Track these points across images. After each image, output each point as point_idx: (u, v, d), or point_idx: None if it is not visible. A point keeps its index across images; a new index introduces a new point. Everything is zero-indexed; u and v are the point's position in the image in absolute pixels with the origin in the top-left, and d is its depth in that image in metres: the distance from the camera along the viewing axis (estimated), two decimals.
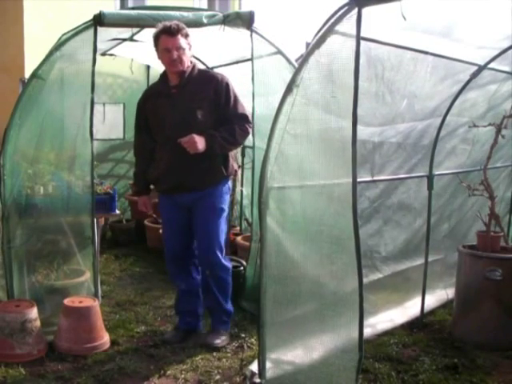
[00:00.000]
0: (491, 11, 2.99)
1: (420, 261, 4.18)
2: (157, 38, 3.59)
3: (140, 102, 3.83)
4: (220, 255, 3.73)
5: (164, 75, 3.74)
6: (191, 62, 3.67)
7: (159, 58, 3.66)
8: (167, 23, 3.56)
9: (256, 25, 4.10)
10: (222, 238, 3.75)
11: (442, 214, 4.54)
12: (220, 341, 3.75)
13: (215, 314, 3.89)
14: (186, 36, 3.57)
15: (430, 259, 4.12)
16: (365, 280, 2.69)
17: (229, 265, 3.86)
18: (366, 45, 2.71)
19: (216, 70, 4.87)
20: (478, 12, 3.01)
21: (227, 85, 3.63)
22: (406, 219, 4.26)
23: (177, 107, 3.62)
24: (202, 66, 4.95)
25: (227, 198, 3.82)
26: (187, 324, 3.92)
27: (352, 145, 2.55)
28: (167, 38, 3.53)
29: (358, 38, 2.51)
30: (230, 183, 3.87)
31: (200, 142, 3.50)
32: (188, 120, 3.58)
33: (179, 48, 3.53)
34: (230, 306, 3.90)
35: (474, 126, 3.97)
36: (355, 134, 2.54)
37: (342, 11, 2.56)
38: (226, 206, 3.78)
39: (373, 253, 4.08)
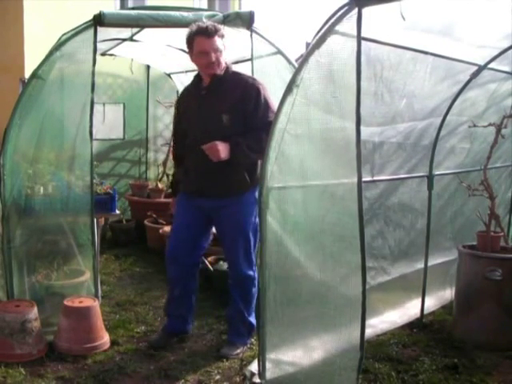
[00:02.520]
0: (491, 10, 2.99)
1: (421, 262, 4.18)
2: (191, 40, 3.43)
3: (176, 103, 3.79)
4: (246, 266, 3.60)
5: (198, 76, 3.63)
6: (225, 63, 3.54)
7: (193, 60, 3.52)
8: (202, 24, 3.41)
9: (256, 25, 4.09)
10: (250, 248, 3.59)
11: (446, 215, 4.52)
12: (235, 353, 3.61)
13: (233, 325, 3.74)
14: (223, 37, 3.44)
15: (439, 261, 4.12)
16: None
17: (255, 275, 3.62)
18: (365, 45, 2.70)
19: None
20: (478, 11, 3.01)
21: (258, 89, 3.44)
22: (406, 220, 4.25)
23: (204, 110, 3.52)
24: None
25: (254, 207, 3.46)
26: (173, 327, 3.85)
27: (356, 144, 2.54)
28: (204, 40, 3.38)
29: (359, 39, 2.51)
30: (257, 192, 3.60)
31: (223, 150, 3.35)
32: (213, 124, 3.47)
33: (217, 50, 3.40)
34: (252, 318, 3.69)
35: (474, 126, 3.97)
36: (359, 134, 2.53)
37: (342, 11, 2.55)
38: (253, 217, 3.53)
39: (373, 254, 4.07)
